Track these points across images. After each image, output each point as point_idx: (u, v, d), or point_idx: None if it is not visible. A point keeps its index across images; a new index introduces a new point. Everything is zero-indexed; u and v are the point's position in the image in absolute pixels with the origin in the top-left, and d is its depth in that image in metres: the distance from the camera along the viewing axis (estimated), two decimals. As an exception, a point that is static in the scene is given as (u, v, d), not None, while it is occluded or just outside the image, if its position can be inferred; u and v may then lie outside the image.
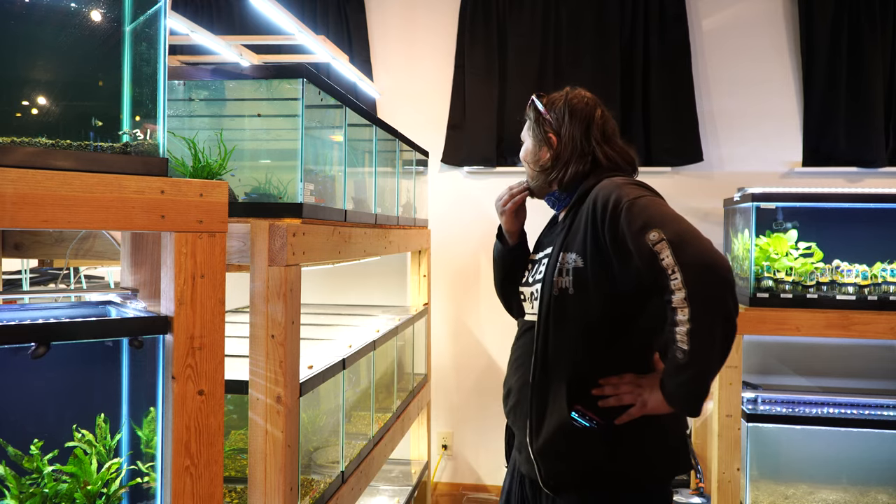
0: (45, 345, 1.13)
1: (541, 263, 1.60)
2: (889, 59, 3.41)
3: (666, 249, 1.32)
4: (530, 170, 1.68)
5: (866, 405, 2.97)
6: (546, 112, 1.64)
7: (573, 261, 1.48)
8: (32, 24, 1.20)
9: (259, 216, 1.65)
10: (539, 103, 1.66)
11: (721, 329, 1.31)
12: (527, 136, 1.70)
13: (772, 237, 2.90)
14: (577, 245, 1.49)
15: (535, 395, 1.51)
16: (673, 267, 1.31)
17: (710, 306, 1.30)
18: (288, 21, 2.56)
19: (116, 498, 1.32)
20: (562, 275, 1.49)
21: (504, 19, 3.66)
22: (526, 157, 1.69)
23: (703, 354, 1.32)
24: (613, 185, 1.47)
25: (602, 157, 1.60)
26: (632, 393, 1.45)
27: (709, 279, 1.30)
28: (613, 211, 1.41)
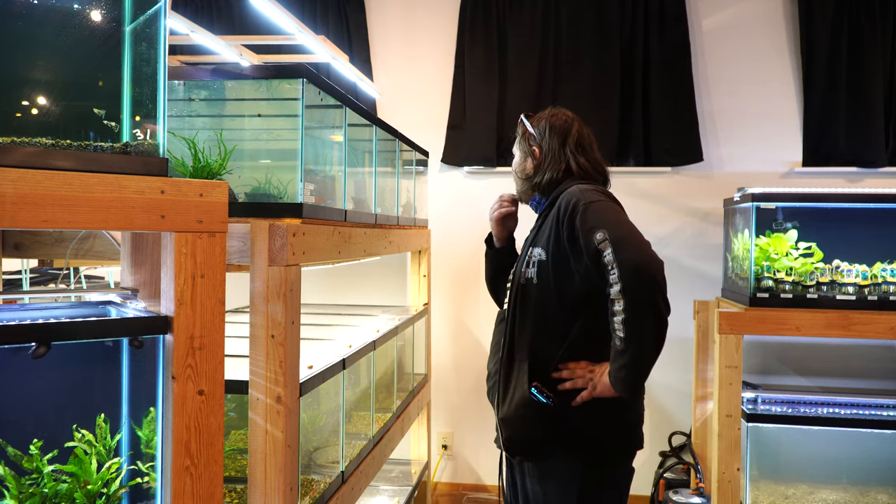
0: (46, 345, 1.13)
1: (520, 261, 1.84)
2: (889, 59, 3.41)
3: (608, 248, 1.54)
4: (517, 179, 1.93)
5: (866, 405, 2.97)
6: (531, 128, 1.88)
7: (538, 254, 1.72)
8: (32, 24, 1.20)
9: (259, 216, 1.65)
10: (526, 122, 1.90)
11: (651, 321, 1.52)
12: (516, 151, 1.94)
13: (772, 237, 2.90)
14: (543, 241, 1.72)
15: (503, 373, 1.76)
16: (612, 263, 1.53)
17: (639, 299, 1.51)
18: (288, 21, 2.56)
19: (116, 498, 1.32)
20: (528, 266, 1.73)
21: (504, 19, 3.66)
22: (515, 168, 1.94)
23: (636, 342, 1.52)
24: (577, 190, 1.69)
25: (574, 165, 1.82)
26: (584, 377, 1.66)
27: (640, 276, 1.51)
28: (572, 212, 1.63)
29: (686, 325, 3.52)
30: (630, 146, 3.56)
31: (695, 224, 3.60)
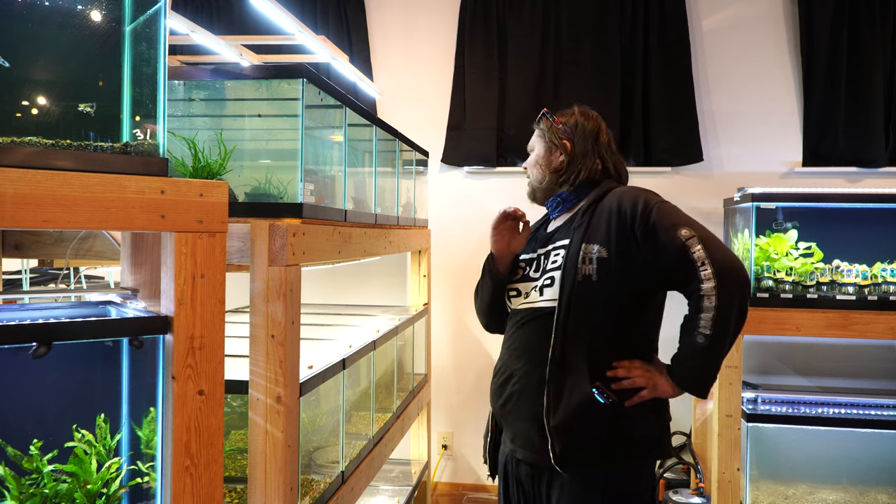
0: (47, 345, 1.13)
1: (549, 256, 1.71)
2: (889, 59, 3.41)
3: (697, 244, 1.53)
4: (541, 172, 1.81)
5: (866, 405, 2.97)
6: (558, 122, 1.81)
7: (596, 251, 1.61)
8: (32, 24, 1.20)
9: (259, 216, 1.65)
10: (549, 116, 1.83)
11: (736, 321, 1.52)
12: (537, 144, 1.84)
13: (772, 237, 2.90)
14: (600, 238, 1.62)
15: (553, 376, 1.60)
16: (704, 260, 1.51)
17: (734, 298, 1.50)
18: (288, 21, 2.56)
19: (116, 498, 1.32)
20: (585, 263, 1.61)
21: (504, 19, 3.66)
22: (538, 160, 1.82)
23: (722, 340, 1.51)
24: (637, 191, 1.68)
25: (611, 166, 1.79)
26: (643, 376, 1.60)
27: (736, 275, 1.52)
28: (644, 209, 1.60)
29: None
30: (630, 146, 3.56)
31: (695, 224, 3.60)
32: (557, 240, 1.73)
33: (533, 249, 1.81)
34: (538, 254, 1.77)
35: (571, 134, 1.78)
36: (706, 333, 1.51)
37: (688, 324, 1.56)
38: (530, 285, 1.73)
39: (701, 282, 1.51)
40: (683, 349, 1.57)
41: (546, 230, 1.84)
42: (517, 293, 1.77)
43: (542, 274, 1.70)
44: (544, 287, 1.67)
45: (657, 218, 1.57)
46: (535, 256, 1.77)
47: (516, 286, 1.78)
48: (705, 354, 1.52)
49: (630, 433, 1.60)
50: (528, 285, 1.74)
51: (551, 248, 1.72)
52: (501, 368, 1.75)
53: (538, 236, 1.84)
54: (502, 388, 1.72)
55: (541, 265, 1.73)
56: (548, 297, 1.65)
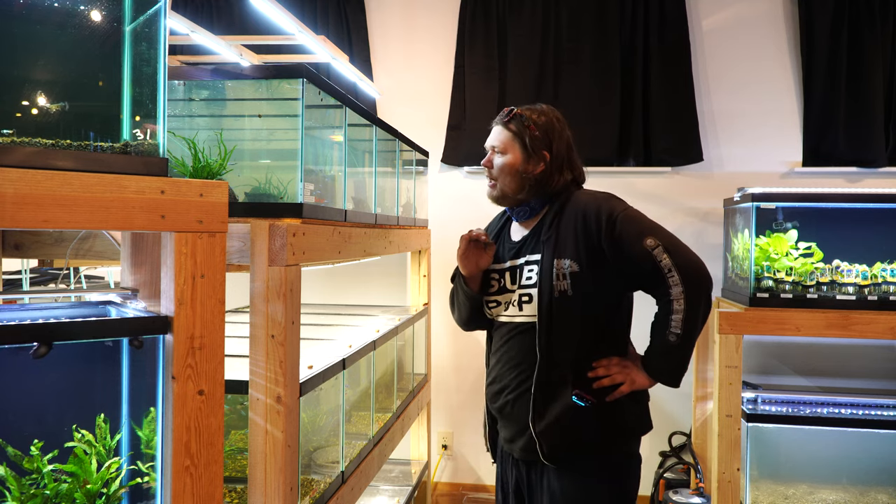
0: (47, 345, 1.13)
1: (524, 269, 1.77)
2: (889, 59, 3.41)
3: (663, 253, 1.63)
4: (517, 181, 1.78)
5: (866, 405, 2.97)
6: (534, 128, 1.79)
7: (568, 266, 1.68)
8: (32, 24, 1.20)
9: (259, 216, 1.65)
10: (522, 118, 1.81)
11: (703, 317, 1.67)
12: (510, 147, 1.80)
13: (772, 237, 2.90)
14: (570, 252, 1.69)
15: (540, 387, 1.70)
16: (670, 267, 1.63)
17: (700, 299, 1.64)
18: (288, 21, 2.56)
19: (116, 498, 1.32)
20: (559, 279, 1.68)
21: (504, 19, 3.66)
22: (514, 168, 1.78)
23: (692, 336, 1.66)
24: (600, 198, 1.74)
25: (578, 172, 1.84)
26: (621, 373, 1.71)
27: (700, 278, 1.65)
28: (609, 221, 1.67)
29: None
30: (630, 146, 3.56)
31: (695, 224, 3.60)
32: (527, 252, 1.78)
33: (503, 258, 1.85)
34: (510, 265, 1.81)
35: (549, 142, 1.79)
36: (677, 332, 1.64)
37: (659, 325, 1.67)
38: (509, 297, 1.80)
39: (669, 287, 1.63)
40: (657, 347, 1.70)
41: (510, 236, 1.87)
42: (496, 304, 1.83)
43: (519, 288, 1.77)
44: (522, 303, 1.75)
45: (622, 229, 1.65)
46: (508, 267, 1.82)
47: (495, 298, 1.83)
48: (677, 351, 1.66)
49: (616, 422, 1.72)
50: (506, 297, 1.81)
51: (523, 261, 1.78)
52: (495, 379, 1.83)
53: (504, 242, 1.88)
54: (497, 396, 1.82)
55: (516, 277, 1.79)
56: (527, 312, 1.74)
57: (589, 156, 3.58)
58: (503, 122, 1.83)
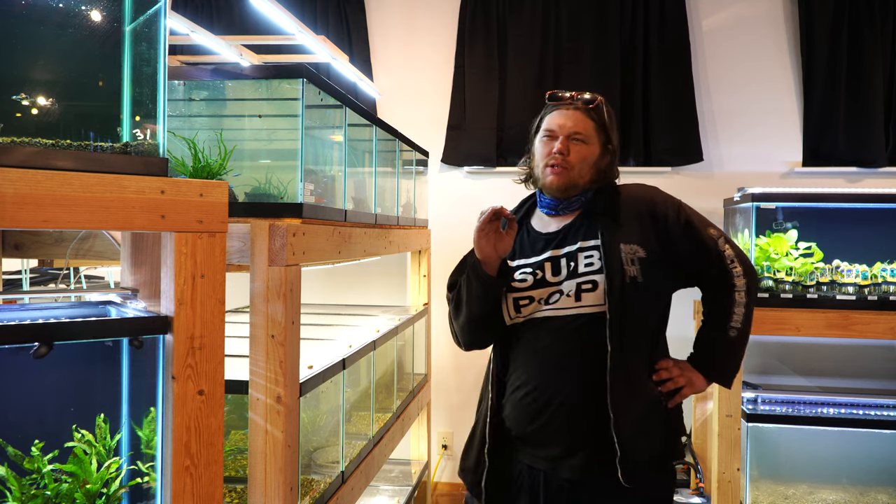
0: (48, 345, 1.13)
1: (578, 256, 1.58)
2: (889, 59, 3.41)
3: (725, 243, 1.61)
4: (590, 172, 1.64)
5: (866, 405, 2.97)
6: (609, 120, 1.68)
7: (635, 252, 1.56)
8: (32, 23, 1.20)
9: (259, 216, 1.65)
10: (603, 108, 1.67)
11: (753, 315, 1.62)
12: (592, 137, 1.64)
13: (772, 237, 2.90)
14: (637, 238, 1.57)
15: (615, 385, 1.49)
16: (733, 258, 1.60)
17: (756, 294, 1.61)
18: (288, 21, 2.56)
19: (116, 498, 1.32)
20: (629, 264, 1.54)
21: (504, 19, 3.66)
22: (594, 157, 1.64)
23: (747, 332, 1.59)
24: (655, 188, 1.69)
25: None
26: (682, 376, 1.60)
27: (755, 273, 1.63)
28: (675, 209, 1.63)
29: (686, 325, 3.52)
30: (630, 146, 3.56)
31: (695, 224, 3.60)
32: (574, 241, 1.60)
33: (528, 251, 1.66)
34: (550, 255, 1.61)
35: (611, 131, 1.68)
36: (737, 327, 1.57)
37: (717, 319, 1.60)
38: (549, 291, 1.58)
39: (734, 278, 1.58)
40: (716, 343, 1.61)
41: (533, 229, 1.70)
42: (529, 301, 1.60)
43: (570, 277, 1.56)
44: (582, 292, 1.54)
45: (690, 216, 1.62)
46: (547, 258, 1.61)
47: (528, 293, 1.60)
48: (737, 346, 1.59)
49: (678, 431, 1.62)
50: (544, 291, 1.58)
51: (575, 248, 1.59)
52: (535, 388, 1.56)
53: (526, 235, 1.70)
54: (542, 410, 1.55)
55: (560, 268, 1.58)
56: (589, 302, 1.54)
57: (589, 156, 3.58)
58: (586, 108, 1.64)
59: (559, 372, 1.56)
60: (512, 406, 1.61)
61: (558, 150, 1.61)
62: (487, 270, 1.59)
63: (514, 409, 1.61)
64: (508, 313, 1.63)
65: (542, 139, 1.66)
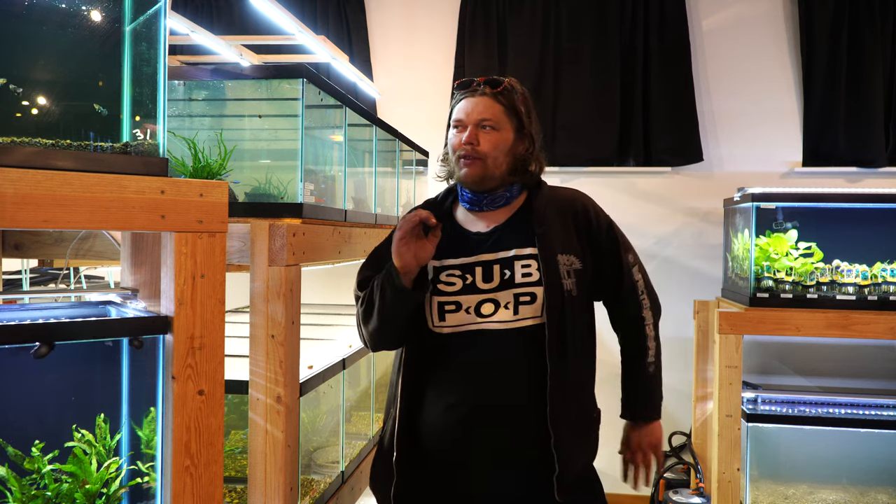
0: (48, 345, 1.12)
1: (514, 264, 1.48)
2: (889, 59, 3.41)
3: (638, 273, 1.60)
4: (505, 160, 1.52)
5: (866, 405, 2.97)
6: (522, 103, 1.56)
7: (571, 263, 1.50)
8: (32, 23, 1.20)
9: (259, 216, 1.65)
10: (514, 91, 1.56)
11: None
12: (503, 123, 1.52)
13: (772, 237, 2.90)
14: (573, 248, 1.51)
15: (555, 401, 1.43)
16: (643, 289, 1.60)
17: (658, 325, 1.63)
18: (288, 21, 2.56)
19: (116, 498, 1.32)
20: (566, 276, 1.48)
21: (504, 19, 3.66)
22: (507, 144, 1.52)
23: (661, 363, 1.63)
24: (591, 199, 1.62)
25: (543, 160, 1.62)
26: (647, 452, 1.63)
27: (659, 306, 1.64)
28: (605, 220, 1.59)
29: (686, 325, 3.52)
30: (630, 146, 3.56)
31: (695, 224, 3.60)
32: (509, 246, 1.50)
33: (458, 251, 1.52)
34: (478, 260, 1.50)
35: (528, 117, 1.56)
36: (652, 361, 1.59)
37: (634, 356, 1.61)
38: (479, 298, 1.47)
39: (641, 310, 1.59)
40: (642, 384, 1.61)
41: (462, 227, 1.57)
42: (456, 307, 1.48)
43: (505, 287, 1.47)
44: (520, 304, 1.46)
45: (616, 237, 1.58)
46: (473, 263, 1.50)
47: (455, 298, 1.48)
48: (657, 379, 1.61)
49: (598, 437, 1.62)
50: (474, 298, 1.47)
51: (511, 256, 1.49)
52: (465, 403, 1.45)
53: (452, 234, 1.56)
54: (473, 425, 1.45)
55: (492, 275, 1.48)
56: (528, 314, 1.46)
57: (589, 156, 3.58)
58: (493, 92, 1.53)
59: (495, 387, 1.45)
60: (434, 419, 1.48)
61: (466, 139, 1.49)
62: (404, 281, 1.44)
63: (436, 422, 1.48)
64: (432, 319, 1.49)
65: (452, 130, 1.55)
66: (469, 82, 1.56)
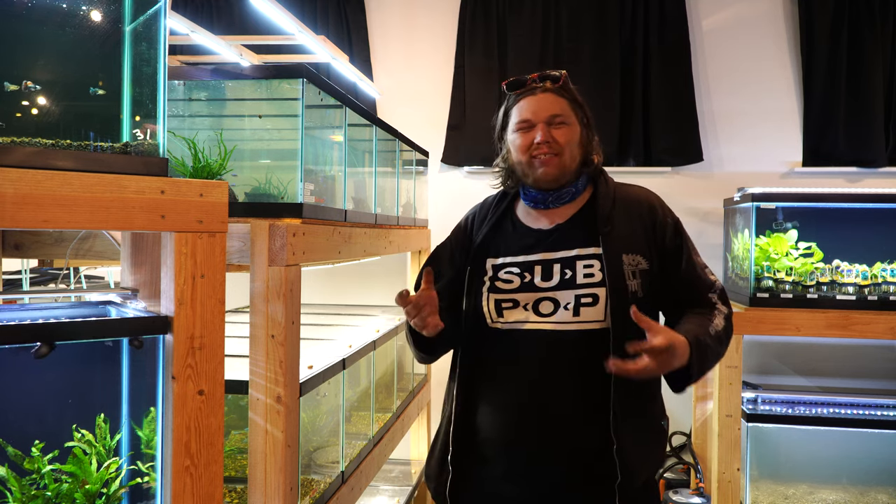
0: (49, 345, 1.13)
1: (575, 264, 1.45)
2: (889, 59, 3.41)
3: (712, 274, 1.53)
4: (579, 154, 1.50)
5: (866, 405, 2.97)
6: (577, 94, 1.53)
7: (637, 263, 1.44)
8: (32, 23, 1.20)
9: (259, 216, 1.65)
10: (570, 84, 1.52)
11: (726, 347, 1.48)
12: (570, 117, 1.50)
13: (772, 237, 2.90)
14: (639, 247, 1.45)
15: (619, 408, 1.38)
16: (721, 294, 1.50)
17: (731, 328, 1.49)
18: (288, 21, 2.56)
19: (116, 498, 1.32)
20: (630, 277, 1.42)
21: (504, 19, 3.66)
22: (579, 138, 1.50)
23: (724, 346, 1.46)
24: (658, 197, 1.56)
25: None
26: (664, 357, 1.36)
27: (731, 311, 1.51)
28: (674, 223, 1.52)
29: (686, 325, 3.51)
30: (630, 146, 3.56)
31: (695, 224, 3.60)
32: (571, 245, 1.47)
33: (518, 248, 1.51)
34: (541, 258, 1.47)
35: (585, 106, 1.53)
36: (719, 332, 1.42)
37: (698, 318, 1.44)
38: (537, 296, 1.44)
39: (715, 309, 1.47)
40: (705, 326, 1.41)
41: (521, 224, 1.55)
42: (513, 304, 1.46)
43: (564, 286, 1.43)
44: (581, 306, 1.41)
45: (683, 235, 1.51)
46: (533, 261, 1.48)
47: (513, 296, 1.46)
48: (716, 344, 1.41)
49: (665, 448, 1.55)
50: (532, 296, 1.45)
51: (572, 255, 1.45)
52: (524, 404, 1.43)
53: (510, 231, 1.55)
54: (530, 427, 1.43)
55: (552, 273, 1.45)
56: (589, 317, 1.41)
57: (589, 156, 3.58)
58: (555, 87, 1.49)
59: (554, 390, 1.42)
60: (489, 418, 1.47)
61: (542, 139, 1.46)
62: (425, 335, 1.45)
63: (492, 422, 1.47)
64: (490, 316, 1.48)
65: (517, 131, 1.52)
66: (523, 81, 1.53)
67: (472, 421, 1.50)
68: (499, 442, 1.46)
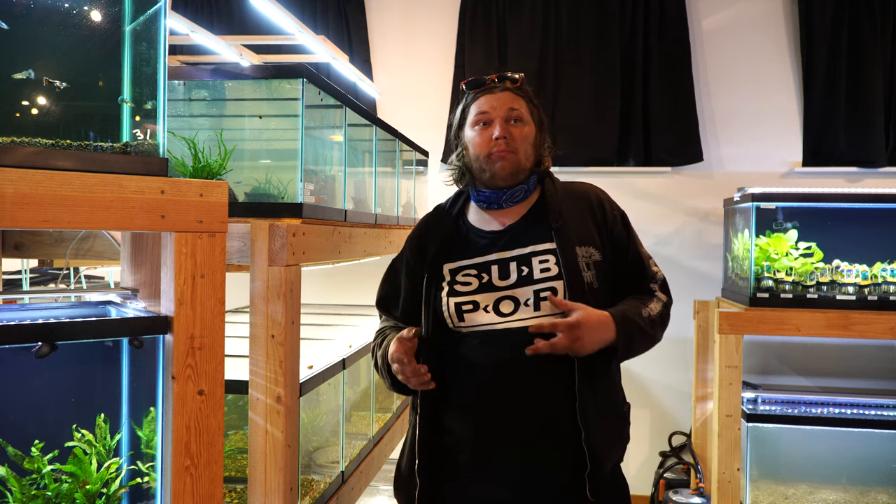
0: (50, 345, 1.13)
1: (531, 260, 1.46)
2: (889, 59, 3.42)
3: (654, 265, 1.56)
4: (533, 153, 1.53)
5: (866, 405, 2.97)
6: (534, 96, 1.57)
7: (590, 255, 1.47)
8: (32, 23, 1.20)
9: (259, 216, 1.65)
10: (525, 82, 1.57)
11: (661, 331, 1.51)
12: (526, 115, 1.53)
13: (772, 237, 2.90)
14: (591, 239, 1.49)
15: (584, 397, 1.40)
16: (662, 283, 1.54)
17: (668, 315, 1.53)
18: (288, 21, 2.56)
19: (116, 498, 1.32)
20: (586, 269, 1.45)
21: (504, 19, 3.66)
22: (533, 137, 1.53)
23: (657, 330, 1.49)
24: (604, 191, 1.61)
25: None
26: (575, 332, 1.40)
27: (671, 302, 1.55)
28: (622, 215, 1.56)
29: (686, 325, 3.52)
30: (630, 146, 3.57)
31: (695, 224, 3.60)
32: (525, 243, 1.49)
33: (473, 251, 1.51)
34: (494, 258, 1.48)
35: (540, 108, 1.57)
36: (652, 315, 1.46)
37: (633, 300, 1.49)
38: (497, 296, 1.45)
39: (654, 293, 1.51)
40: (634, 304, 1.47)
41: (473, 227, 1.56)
42: (473, 306, 1.45)
43: (522, 283, 1.44)
44: (541, 301, 1.42)
45: (630, 230, 1.55)
46: (489, 261, 1.48)
47: (472, 297, 1.46)
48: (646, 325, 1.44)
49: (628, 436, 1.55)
50: (491, 296, 1.45)
51: (527, 252, 1.47)
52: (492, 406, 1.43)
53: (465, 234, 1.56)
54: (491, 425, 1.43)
55: (509, 272, 1.46)
56: (548, 311, 1.42)
57: (589, 156, 3.58)
58: (514, 86, 1.53)
59: (519, 386, 1.42)
60: (456, 422, 1.46)
61: (500, 134, 1.48)
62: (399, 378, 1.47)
63: (459, 426, 1.46)
64: (451, 320, 1.47)
65: (475, 126, 1.53)
66: (482, 80, 1.55)
67: (438, 428, 1.48)
68: (466, 447, 1.45)
